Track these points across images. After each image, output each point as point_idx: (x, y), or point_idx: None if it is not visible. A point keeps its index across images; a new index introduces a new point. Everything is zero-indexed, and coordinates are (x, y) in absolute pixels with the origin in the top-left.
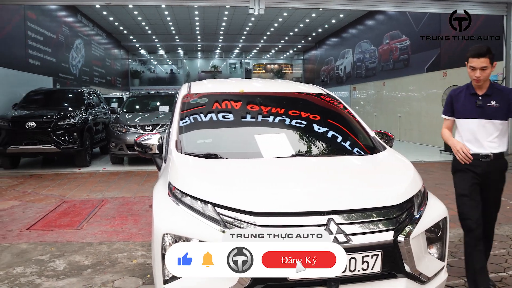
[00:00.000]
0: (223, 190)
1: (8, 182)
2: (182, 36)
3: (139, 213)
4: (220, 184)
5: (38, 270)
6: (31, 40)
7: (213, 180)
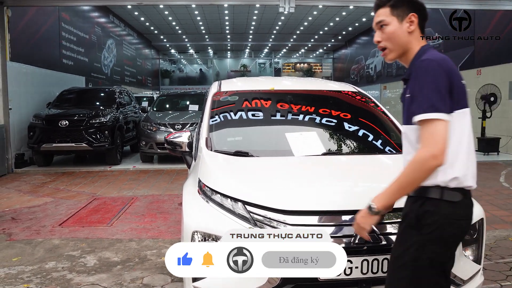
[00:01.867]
0: (254, 188)
1: (41, 179)
2: (212, 36)
3: (168, 211)
4: (250, 182)
5: (69, 265)
6: (65, 41)
7: (243, 178)
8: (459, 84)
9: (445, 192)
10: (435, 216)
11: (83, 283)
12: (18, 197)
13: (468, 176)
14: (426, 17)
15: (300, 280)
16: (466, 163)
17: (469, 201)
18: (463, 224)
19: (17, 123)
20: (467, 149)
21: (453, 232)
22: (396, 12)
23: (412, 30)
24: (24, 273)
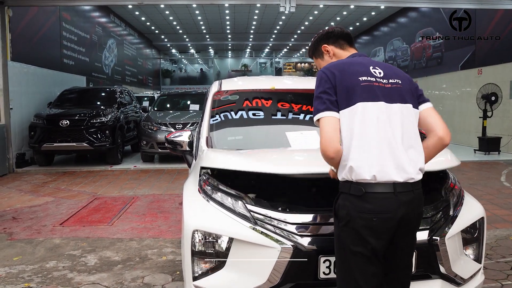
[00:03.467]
0: (254, 158)
1: (42, 179)
2: (212, 36)
3: (169, 210)
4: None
5: (70, 264)
6: (66, 41)
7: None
8: (348, 84)
9: (352, 187)
10: (346, 210)
11: (83, 282)
12: (19, 196)
13: (364, 169)
14: (336, 37)
15: (300, 278)
16: (358, 156)
17: (380, 195)
18: (371, 217)
19: (18, 123)
20: (359, 143)
21: (363, 224)
22: (316, 56)
23: (332, 55)
24: (24, 273)
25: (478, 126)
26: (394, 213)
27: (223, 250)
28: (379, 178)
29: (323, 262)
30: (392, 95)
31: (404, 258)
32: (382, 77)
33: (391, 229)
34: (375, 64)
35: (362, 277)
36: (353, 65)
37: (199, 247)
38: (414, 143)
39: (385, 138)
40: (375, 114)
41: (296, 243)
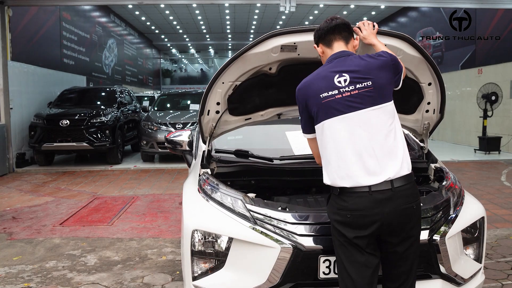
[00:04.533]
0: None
1: (42, 179)
2: (213, 35)
3: (169, 210)
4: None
5: (70, 264)
6: (66, 40)
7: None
8: (313, 104)
9: (332, 188)
10: (329, 207)
11: (83, 282)
12: (19, 196)
13: (336, 181)
14: (322, 35)
15: (300, 278)
16: (330, 171)
17: (354, 194)
18: (346, 214)
19: (18, 123)
20: (328, 158)
21: (339, 220)
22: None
23: (321, 53)
24: (24, 272)
25: (478, 126)
26: (368, 211)
27: (223, 250)
28: (351, 187)
29: (323, 262)
30: (359, 102)
31: (398, 254)
32: (348, 84)
33: (367, 226)
34: (343, 70)
35: (350, 266)
36: (317, 81)
37: (199, 247)
38: (388, 145)
39: (352, 149)
40: (339, 129)
41: (296, 243)
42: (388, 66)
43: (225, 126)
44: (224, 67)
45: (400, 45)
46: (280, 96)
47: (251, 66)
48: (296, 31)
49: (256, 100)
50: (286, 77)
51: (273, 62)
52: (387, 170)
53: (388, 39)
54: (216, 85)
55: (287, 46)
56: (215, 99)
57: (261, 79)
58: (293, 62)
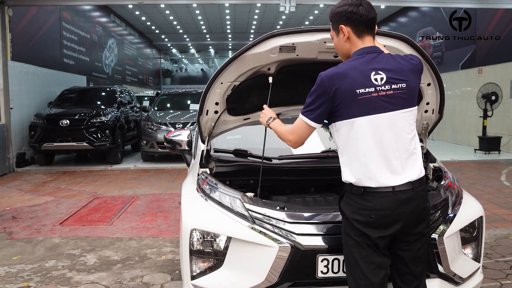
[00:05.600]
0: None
1: (42, 178)
2: (213, 35)
3: (169, 209)
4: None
5: (69, 264)
6: (66, 40)
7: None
8: (345, 97)
9: (353, 187)
10: (348, 206)
11: (83, 281)
12: (19, 196)
13: (361, 180)
14: (357, 22)
15: (298, 277)
16: (355, 170)
17: (378, 194)
18: (370, 214)
19: (18, 123)
20: (355, 156)
21: (362, 220)
22: (333, 27)
23: (346, 39)
24: (24, 272)
25: (478, 126)
26: (391, 210)
27: (221, 249)
28: (377, 186)
29: (321, 261)
30: (392, 103)
31: (413, 252)
32: (384, 83)
33: (390, 225)
34: (379, 67)
35: (366, 267)
36: (353, 73)
37: (197, 246)
38: (411, 148)
39: (381, 150)
40: (371, 127)
41: (294, 242)
42: (418, 70)
43: (224, 126)
44: (223, 67)
45: (399, 45)
46: (279, 96)
47: (250, 67)
48: (295, 32)
49: (255, 100)
50: (285, 78)
51: (271, 62)
52: (409, 172)
53: (386, 39)
54: (215, 86)
55: (285, 46)
56: (214, 99)
57: (260, 80)
58: (291, 62)
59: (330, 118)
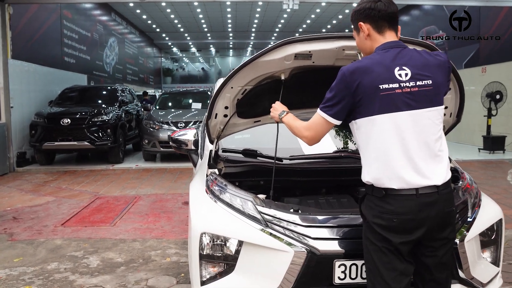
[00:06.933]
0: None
1: (43, 178)
2: (214, 34)
3: (172, 210)
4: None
5: (72, 266)
6: (67, 39)
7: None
8: (368, 93)
9: (374, 189)
10: (369, 209)
11: (86, 284)
12: (19, 196)
13: (383, 180)
14: (376, 17)
15: (314, 284)
16: (376, 170)
17: (400, 197)
18: (392, 218)
19: (19, 122)
20: (377, 155)
21: (384, 224)
22: (354, 27)
23: (366, 36)
24: (25, 274)
25: (482, 125)
26: (415, 214)
27: (233, 253)
28: (399, 188)
29: (338, 266)
30: (417, 100)
31: (438, 258)
32: (409, 79)
33: (413, 230)
34: (404, 62)
35: (388, 274)
36: (376, 68)
37: (207, 250)
38: (436, 149)
39: (404, 149)
40: (394, 125)
41: (310, 247)
42: (445, 67)
43: (233, 128)
44: (234, 72)
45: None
46: (291, 100)
47: (262, 72)
48: (311, 39)
49: (266, 104)
50: (298, 82)
51: (285, 69)
52: (434, 174)
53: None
54: (225, 90)
55: (301, 54)
56: (224, 103)
57: (272, 84)
58: (306, 69)
59: (351, 115)
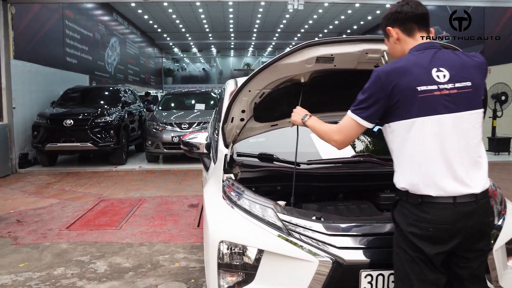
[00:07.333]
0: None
1: (46, 180)
2: (215, 34)
3: (178, 213)
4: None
5: (79, 271)
6: (69, 39)
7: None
8: (405, 95)
9: (409, 196)
10: (403, 217)
11: None
12: (23, 198)
13: (419, 186)
14: (404, 19)
15: None
16: (413, 175)
17: (437, 205)
18: (427, 227)
19: (21, 122)
20: (414, 160)
21: (418, 233)
22: (384, 34)
23: (395, 40)
24: (32, 280)
25: (487, 126)
26: (452, 224)
27: (252, 262)
28: (436, 195)
29: (365, 277)
30: (456, 103)
31: (472, 270)
32: (447, 81)
33: (448, 240)
34: (441, 63)
35: (420, 285)
36: (413, 69)
37: (226, 259)
38: (476, 155)
39: (443, 153)
40: (433, 129)
41: (335, 257)
42: (483, 69)
43: (249, 132)
44: (253, 75)
45: None
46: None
47: (282, 76)
48: (334, 42)
49: (284, 107)
50: (318, 85)
51: (305, 72)
52: (473, 181)
53: None
54: (242, 93)
55: (323, 57)
56: (240, 107)
57: (291, 87)
58: (326, 72)
59: (384, 118)
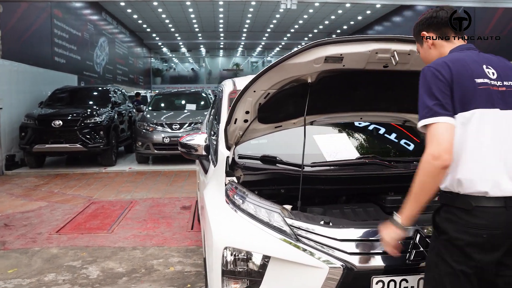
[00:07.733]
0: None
1: (34, 182)
2: (205, 34)
3: (171, 215)
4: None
5: (70, 277)
6: (57, 38)
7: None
8: (465, 87)
9: (459, 200)
10: (451, 224)
11: None
12: (10, 201)
13: (475, 183)
14: (439, 24)
15: None
16: (470, 169)
17: (490, 209)
18: (481, 234)
19: (8, 123)
20: (472, 154)
21: (470, 240)
22: (417, 39)
23: (430, 45)
24: (21, 287)
25: None
26: (505, 229)
27: (258, 269)
28: (492, 194)
29: (376, 283)
30: (506, 101)
31: (508, 278)
32: (496, 79)
33: (500, 246)
34: (487, 62)
35: None
36: (468, 63)
37: (230, 265)
38: None
39: (500, 149)
40: (492, 122)
41: (346, 262)
42: None
43: (253, 134)
44: (259, 76)
45: None
46: (317, 104)
47: (288, 76)
48: (344, 41)
49: (290, 108)
50: (325, 86)
51: (312, 72)
52: None
53: None
54: (247, 94)
55: (332, 57)
56: (244, 108)
57: (297, 88)
58: (334, 72)
59: None
